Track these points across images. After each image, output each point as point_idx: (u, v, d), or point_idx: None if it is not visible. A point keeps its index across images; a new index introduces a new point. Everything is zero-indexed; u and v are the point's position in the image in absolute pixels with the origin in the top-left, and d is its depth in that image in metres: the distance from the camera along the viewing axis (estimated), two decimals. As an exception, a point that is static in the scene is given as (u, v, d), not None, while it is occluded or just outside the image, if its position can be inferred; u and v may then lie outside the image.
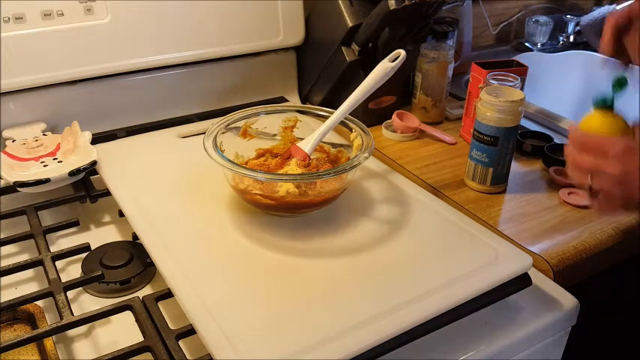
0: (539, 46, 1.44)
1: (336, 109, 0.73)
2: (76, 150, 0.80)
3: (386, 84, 0.73)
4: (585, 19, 1.37)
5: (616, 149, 0.55)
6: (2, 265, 0.64)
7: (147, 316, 0.57)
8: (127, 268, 0.66)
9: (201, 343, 0.52)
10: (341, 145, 0.77)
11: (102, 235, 0.74)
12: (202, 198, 0.73)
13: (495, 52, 1.42)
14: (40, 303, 0.61)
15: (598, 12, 1.35)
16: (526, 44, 1.45)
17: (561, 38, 1.46)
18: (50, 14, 0.82)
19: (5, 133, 0.85)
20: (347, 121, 0.74)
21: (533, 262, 0.62)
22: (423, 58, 0.98)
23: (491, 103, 0.77)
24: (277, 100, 1.04)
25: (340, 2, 0.94)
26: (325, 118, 0.74)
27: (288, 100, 1.05)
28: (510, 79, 0.83)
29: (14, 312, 0.60)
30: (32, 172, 0.77)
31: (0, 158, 0.78)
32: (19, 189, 0.74)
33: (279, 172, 0.71)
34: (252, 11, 0.97)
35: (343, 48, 0.95)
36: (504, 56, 1.21)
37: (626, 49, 0.68)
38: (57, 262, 0.65)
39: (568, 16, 1.43)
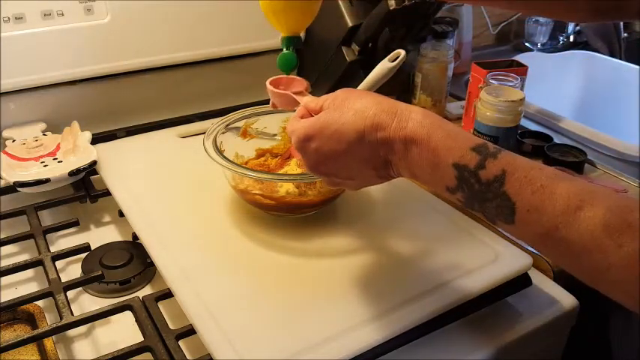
0: (539, 46, 1.44)
1: (336, 109, 0.73)
2: (76, 150, 0.80)
3: (386, 84, 0.72)
4: (585, 19, 1.37)
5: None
6: (2, 265, 0.64)
7: (147, 316, 0.57)
8: (127, 268, 0.66)
9: (201, 343, 0.52)
10: (341, 145, 0.77)
11: (102, 235, 0.74)
12: (202, 198, 0.73)
13: (495, 52, 1.42)
14: (40, 303, 0.61)
15: (598, 12, 1.35)
16: (526, 44, 1.45)
17: (561, 38, 1.46)
18: (50, 14, 0.82)
19: (5, 133, 0.85)
20: (347, 121, 0.74)
21: (533, 262, 0.62)
22: (423, 58, 0.98)
23: (491, 103, 0.77)
24: (277, 100, 1.03)
25: (340, 2, 0.93)
26: (325, 118, 0.74)
27: (288, 100, 1.04)
28: (510, 79, 0.83)
29: (14, 312, 0.60)
30: (32, 172, 0.77)
31: (0, 158, 0.78)
32: (19, 189, 0.74)
33: (279, 172, 0.71)
34: (252, 11, 0.96)
35: (343, 48, 0.95)
36: (504, 56, 1.21)
37: None
38: (57, 262, 0.65)
39: (568, 16, 1.43)
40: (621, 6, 0.58)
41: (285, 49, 0.63)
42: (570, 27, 1.45)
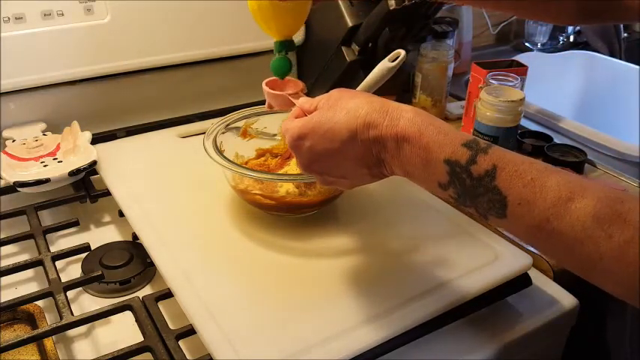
0: (539, 46, 1.44)
1: (336, 109, 0.73)
2: (76, 150, 0.80)
3: (386, 84, 0.72)
4: (585, 19, 1.37)
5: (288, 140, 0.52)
6: (2, 265, 0.64)
7: (147, 316, 0.57)
8: (127, 268, 0.66)
9: (201, 343, 0.52)
10: (341, 145, 0.77)
11: (102, 235, 0.74)
12: (202, 198, 0.73)
13: (495, 52, 1.42)
14: (40, 303, 0.61)
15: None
16: (526, 44, 1.45)
17: (561, 38, 1.46)
18: (50, 14, 0.82)
19: (5, 133, 0.85)
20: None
21: (533, 262, 0.62)
22: (423, 58, 0.98)
23: (491, 103, 0.77)
24: (277, 100, 1.03)
25: (340, 2, 0.93)
26: (325, 118, 0.74)
27: (288, 100, 1.04)
28: (510, 79, 0.83)
29: (14, 312, 0.60)
30: (32, 172, 0.77)
31: (0, 158, 0.78)
32: (19, 189, 0.73)
33: (279, 172, 0.71)
34: (252, 11, 0.97)
35: (343, 48, 0.95)
36: (504, 56, 1.21)
37: None
38: (57, 262, 0.65)
39: (568, 16, 1.43)
40: (610, 7, 0.58)
41: (277, 54, 0.63)
42: (570, 27, 1.45)
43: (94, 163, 0.77)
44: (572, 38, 1.45)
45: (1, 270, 0.63)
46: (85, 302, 0.64)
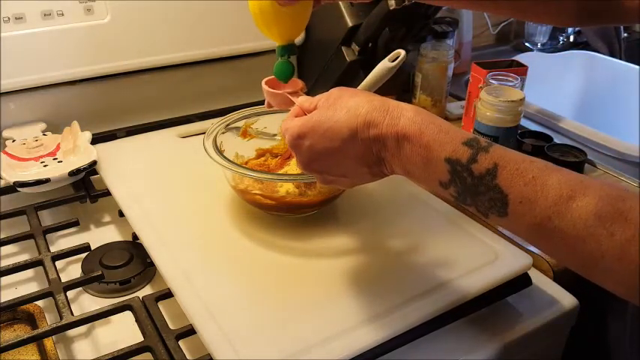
0: (539, 46, 1.44)
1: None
2: (76, 150, 0.80)
3: (386, 83, 0.72)
4: (585, 19, 1.37)
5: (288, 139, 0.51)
6: (2, 265, 0.64)
7: (147, 316, 0.57)
8: (127, 268, 0.66)
9: (201, 343, 0.52)
10: (341, 145, 0.77)
11: (102, 235, 0.74)
12: (202, 198, 0.73)
13: (495, 52, 1.42)
14: (40, 303, 0.61)
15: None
16: (526, 44, 1.45)
17: (561, 38, 1.46)
18: (50, 14, 0.82)
19: (5, 133, 0.85)
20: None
21: (533, 262, 0.62)
22: (423, 58, 0.98)
23: (491, 103, 0.77)
24: (277, 100, 1.03)
25: (340, 2, 0.94)
26: (325, 118, 0.74)
27: (288, 100, 1.04)
28: (510, 79, 0.83)
29: (14, 312, 0.60)
30: (32, 172, 0.77)
31: (0, 158, 0.78)
32: (19, 189, 0.74)
33: (279, 172, 0.71)
34: (252, 11, 0.97)
35: (343, 48, 0.95)
36: (504, 56, 1.21)
37: None
38: (57, 262, 0.65)
39: (568, 16, 1.43)
40: (609, 8, 0.58)
41: (280, 58, 0.63)
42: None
43: (94, 163, 0.77)
44: (572, 38, 1.46)
45: (1, 270, 0.63)
46: (85, 302, 0.64)
